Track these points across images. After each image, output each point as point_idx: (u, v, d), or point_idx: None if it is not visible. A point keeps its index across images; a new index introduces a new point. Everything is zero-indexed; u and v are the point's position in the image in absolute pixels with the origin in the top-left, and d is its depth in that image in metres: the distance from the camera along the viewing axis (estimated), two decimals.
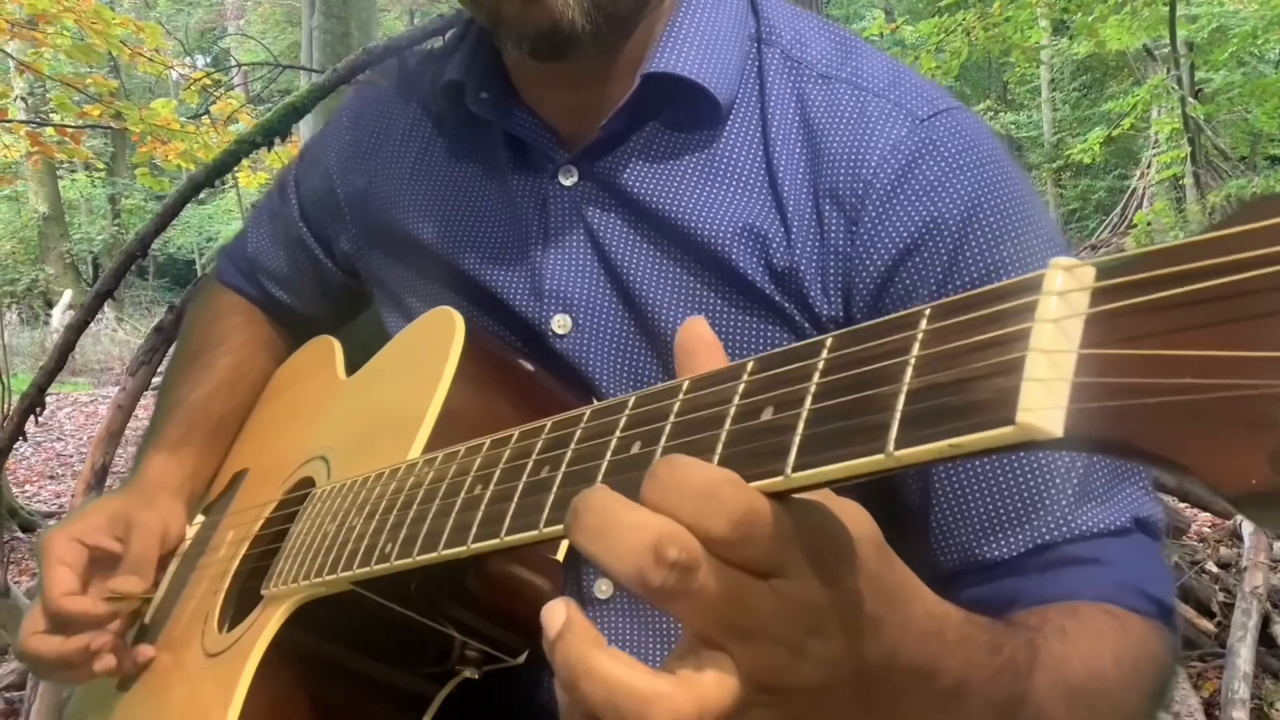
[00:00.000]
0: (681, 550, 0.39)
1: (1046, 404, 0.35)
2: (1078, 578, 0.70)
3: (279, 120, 2.87)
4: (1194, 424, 0.32)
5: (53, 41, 5.06)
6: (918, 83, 0.80)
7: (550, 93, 0.85)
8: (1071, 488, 0.72)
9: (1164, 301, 0.33)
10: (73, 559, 0.89)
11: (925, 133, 0.76)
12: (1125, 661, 0.65)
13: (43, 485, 6.37)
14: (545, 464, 0.52)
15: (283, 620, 0.73)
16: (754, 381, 0.44)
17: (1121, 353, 0.34)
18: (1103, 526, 0.72)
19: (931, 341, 0.39)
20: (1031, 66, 13.77)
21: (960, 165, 0.75)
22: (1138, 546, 0.73)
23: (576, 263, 0.84)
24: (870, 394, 0.40)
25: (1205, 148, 9.37)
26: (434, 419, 0.73)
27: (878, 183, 0.75)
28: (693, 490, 0.39)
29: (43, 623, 0.88)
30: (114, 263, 2.66)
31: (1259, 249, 0.31)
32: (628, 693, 0.39)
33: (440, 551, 0.57)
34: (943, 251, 0.74)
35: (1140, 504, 0.74)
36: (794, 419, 0.41)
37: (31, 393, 2.55)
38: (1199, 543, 3.25)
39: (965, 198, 0.74)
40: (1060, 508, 0.72)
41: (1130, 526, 0.73)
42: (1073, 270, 0.36)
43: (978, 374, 0.37)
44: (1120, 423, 0.34)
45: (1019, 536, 0.72)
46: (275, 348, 1.13)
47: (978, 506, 0.73)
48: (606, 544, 0.40)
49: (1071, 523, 0.72)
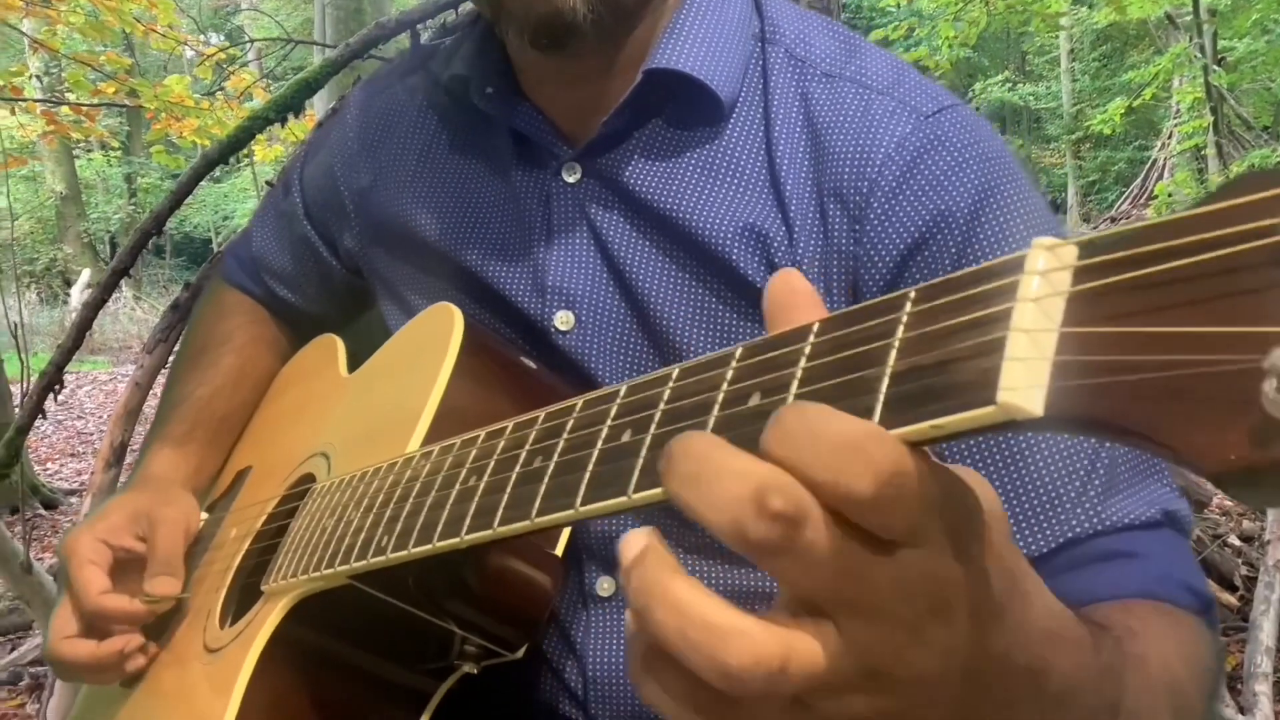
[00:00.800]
0: (788, 501, 0.34)
1: (1027, 383, 0.35)
2: (1118, 572, 0.68)
3: (292, 95, 2.87)
4: (1175, 401, 0.32)
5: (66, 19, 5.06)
6: (921, 81, 0.80)
7: (554, 89, 0.85)
8: (1098, 480, 0.70)
9: (1146, 279, 0.33)
10: (100, 559, 0.88)
11: (930, 129, 0.76)
12: (1191, 660, 0.62)
13: (64, 463, 6.44)
14: (538, 454, 0.53)
15: (282, 615, 0.73)
16: (742, 368, 0.44)
17: (1103, 330, 0.34)
18: (1132, 519, 0.70)
19: (916, 324, 0.39)
20: (1051, 36, 13.62)
21: (966, 159, 0.75)
22: (1169, 540, 0.71)
23: (579, 259, 0.84)
24: (854, 377, 0.39)
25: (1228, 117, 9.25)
26: (432, 414, 0.73)
27: (883, 180, 0.75)
28: (831, 442, 0.34)
29: (74, 625, 0.87)
30: (129, 241, 2.67)
31: (1241, 224, 0.31)
32: (704, 624, 0.35)
33: (435, 544, 0.57)
34: (951, 245, 0.74)
35: (1168, 499, 0.72)
36: (780, 404, 0.41)
37: (50, 371, 2.57)
38: (1221, 516, 3.23)
39: (972, 191, 0.74)
40: (1088, 500, 0.70)
41: (1161, 519, 0.71)
42: (1054, 249, 0.36)
43: (960, 355, 0.37)
44: (1102, 401, 0.33)
45: (1049, 531, 0.70)
46: (279, 346, 1.13)
47: (1005, 502, 0.70)
48: (701, 492, 0.35)
49: (1101, 515, 0.70)
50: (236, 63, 6.34)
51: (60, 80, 6.33)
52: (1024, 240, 0.72)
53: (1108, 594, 0.66)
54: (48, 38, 5.51)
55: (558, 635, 0.85)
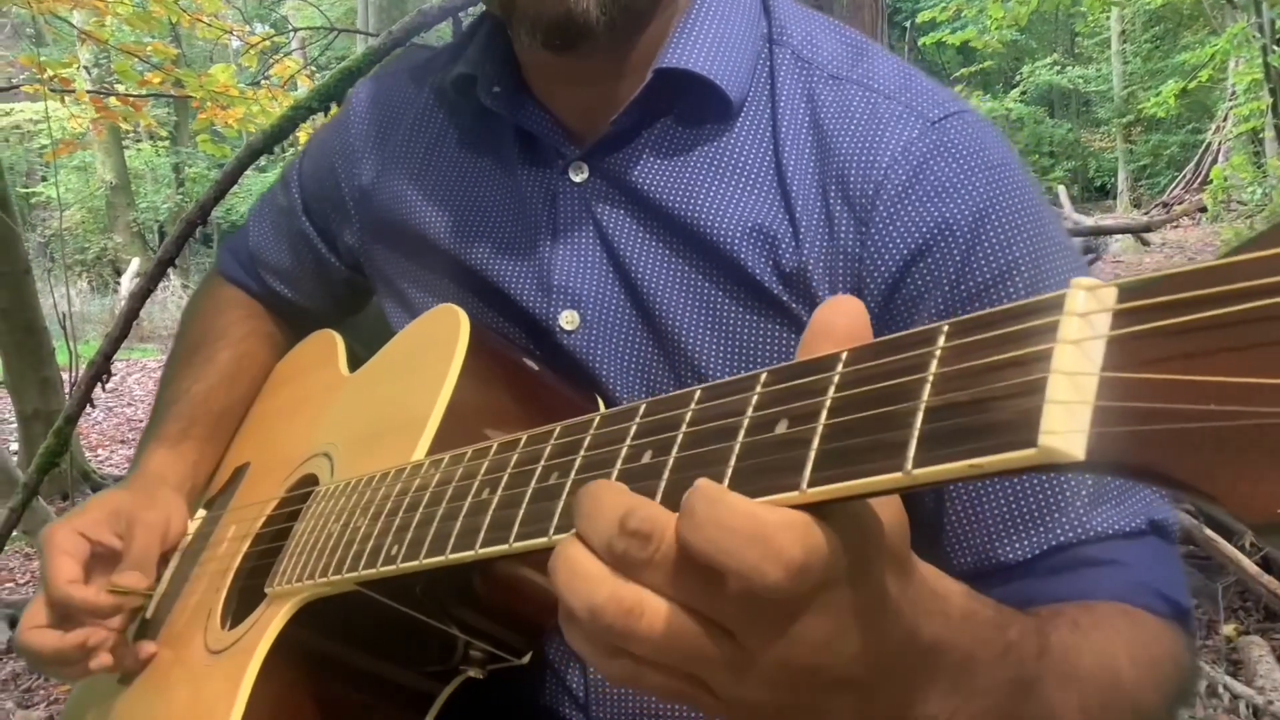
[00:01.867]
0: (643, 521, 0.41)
1: (1068, 427, 0.34)
2: (1092, 578, 0.70)
3: (335, 84, 2.86)
4: (1218, 451, 0.31)
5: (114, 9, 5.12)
6: (928, 86, 0.79)
7: (563, 88, 0.85)
8: (1086, 490, 0.71)
9: (1188, 325, 0.32)
10: (75, 550, 0.89)
11: (937, 135, 0.75)
12: (1142, 660, 0.64)
13: (114, 449, 6.56)
14: (554, 470, 0.52)
15: (287, 619, 0.73)
16: (768, 393, 0.44)
17: (1144, 377, 0.33)
18: (1117, 528, 0.71)
19: (950, 359, 0.38)
20: (1103, 17, 13.35)
21: (972, 167, 0.74)
22: (1153, 549, 0.72)
23: (585, 259, 0.84)
24: (888, 410, 0.39)
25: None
26: (439, 418, 0.73)
27: (889, 184, 0.75)
28: (741, 535, 0.39)
29: (44, 616, 0.88)
30: (175, 231, 2.70)
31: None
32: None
33: (448, 555, 0.56)
34: (955, 253, 0.73)
35: (1154, 507, 0.73)
36: (809, 433, 0.41)
37: (98, 360, 2.62)
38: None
39: (977, 199, 0.73)
40: (1075, 510, 0.71)
41: (1145, 529, 0.72)
42: (1094, 291, 0.35)
43: (998, 394, 0.36)
44: (1142, 447, 0.33)
45: (1034, 538, 0.72)
46: (276, 341, 1.13)
47: (993, 509, 0.72)
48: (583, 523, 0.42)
49: (1086, 524, 0.71)
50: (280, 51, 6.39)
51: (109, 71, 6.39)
52: (1027, 250, 0.74)
53: (1076, 597, 0.68)
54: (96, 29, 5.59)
55: (560, 639, 0.85)
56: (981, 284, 0.73)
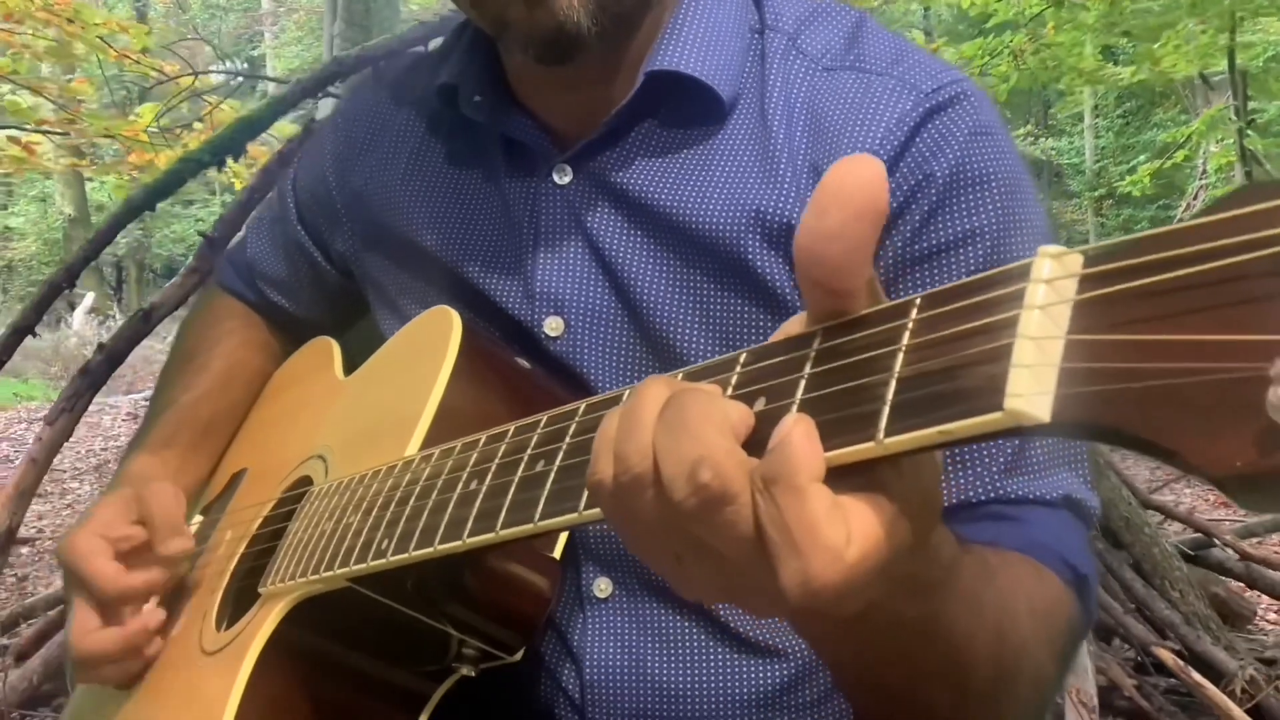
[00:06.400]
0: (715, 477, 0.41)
1: (1034, 389, 0.35)
2: (999, 530, 0.71)
3: (230, 137, 2.72)
4: (1181, 408, 0.32)
5: (34, 40, 4.75)
6: (923, 59, 0.80)
7: (550, 94, 0.86)
8: (1004, 457, 0.73)
9: (1151, 287, 0.33)
10: (103, 550, 0.88)
11: (930, 105, 0.76)
12: (1039, 610, 0.65)
13: None
14: (540, 458, 0.53)
15: (280, 617, 0.73)
16: (747, 373, 0.45)
17: (1108, 338, 0.34)
18: (1031, 495, 0.73)
19: (921, 330, 0.39)
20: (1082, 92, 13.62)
21: (959, 131, 0.76)
22: (1062, 520, 0.74)
23: (569, 263, 0.84)
24: (861, 383, 0.40)
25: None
26: (431, 417, 0.73)
27: (882, 153, 0.75)
28: None
29: (94, 620, 0.87)
30: (37, 294, 2.56)
31: (1245, 234, 0.31)
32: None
33: (436, 546, 0.57)
34: (925, 204, 0.75)
35: (1074, 487, 0.75)
36: (785, 409, 0.42)
37: None
38: None
39: (956, 159, 0.75)
40: (990, 473, 0.73)
41: (1058, 501, 0.74)
42: (1060, 257, 0.36)
43: (967, 361, 0.37)
44: (1107, 407, 0.34)
45: (946, 489, 0.72)
46: (271, 350, 1.12)
47: None
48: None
49: (1000, 487, 0.73)
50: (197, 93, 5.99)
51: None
52: (996, 219, 0.75)
53: (986, 542, 0.68)
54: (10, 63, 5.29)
55: (555, 638, 0.84)
56: (939, 244, 0.74)
